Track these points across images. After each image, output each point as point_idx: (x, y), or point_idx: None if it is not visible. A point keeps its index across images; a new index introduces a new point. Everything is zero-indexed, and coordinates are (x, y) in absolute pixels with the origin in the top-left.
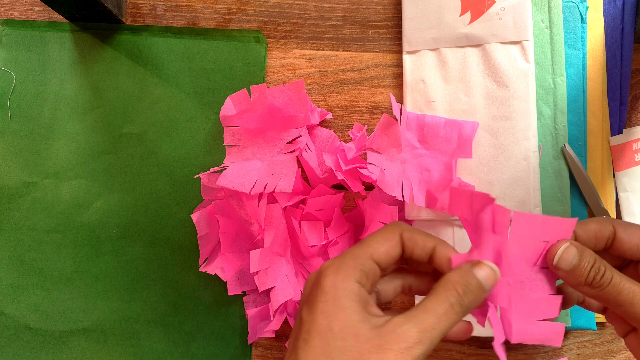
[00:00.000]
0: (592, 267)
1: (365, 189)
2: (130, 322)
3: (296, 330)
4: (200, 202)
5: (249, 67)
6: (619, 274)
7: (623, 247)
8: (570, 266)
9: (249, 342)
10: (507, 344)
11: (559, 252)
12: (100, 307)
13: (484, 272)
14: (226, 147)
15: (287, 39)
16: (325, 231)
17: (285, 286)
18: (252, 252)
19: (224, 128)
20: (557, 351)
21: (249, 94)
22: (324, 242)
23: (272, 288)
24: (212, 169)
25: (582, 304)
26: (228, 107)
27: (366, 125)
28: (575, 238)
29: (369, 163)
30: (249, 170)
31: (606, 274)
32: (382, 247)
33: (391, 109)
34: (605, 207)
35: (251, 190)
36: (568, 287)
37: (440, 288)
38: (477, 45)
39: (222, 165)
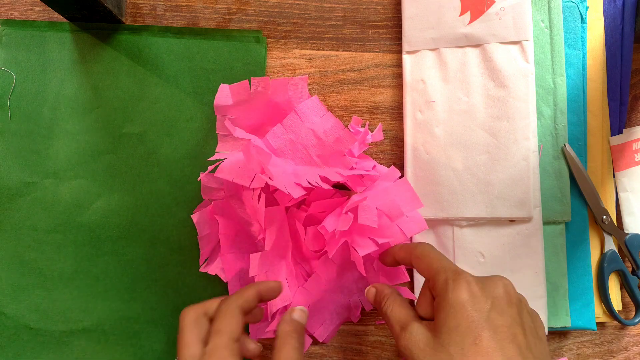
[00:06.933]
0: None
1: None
2: (130, 322)
3: None
4: (200, 202)
5: (249, 67)
6: None
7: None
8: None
9: None
10: None
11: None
12: (100, 307)
13: (297, 314)
14: (218, 135)
15: (287, 39)
16: None
17: (284, 291)
18: (252, 256)
19: (217, 117)
20: (557, 351)
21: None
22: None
23: None
24: (208, 160)
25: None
26: (223, 96)
27: (367, 123)
28: None
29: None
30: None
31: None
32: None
33: (391, 109)
34: (605, 207)
35: (250, 183)
36: None
37: (279, 342)
38: (477, 45)
39: (216, 152)
